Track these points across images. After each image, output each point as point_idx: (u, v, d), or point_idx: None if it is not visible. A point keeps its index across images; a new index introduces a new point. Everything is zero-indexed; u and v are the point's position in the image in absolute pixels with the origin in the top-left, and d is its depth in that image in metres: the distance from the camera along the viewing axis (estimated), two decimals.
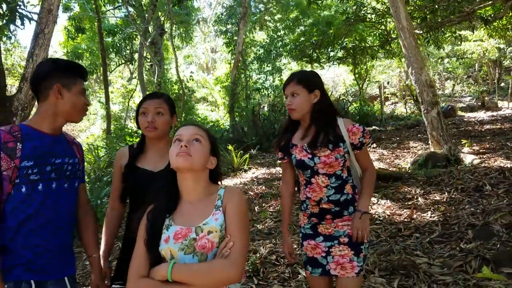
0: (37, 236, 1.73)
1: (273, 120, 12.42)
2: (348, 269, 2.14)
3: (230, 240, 1.46)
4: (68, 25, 16.28)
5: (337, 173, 2.19)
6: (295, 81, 2.22)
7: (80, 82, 1.88)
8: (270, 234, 4.63)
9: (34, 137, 1.77)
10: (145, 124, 2.11)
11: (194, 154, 1.52)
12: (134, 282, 1.47)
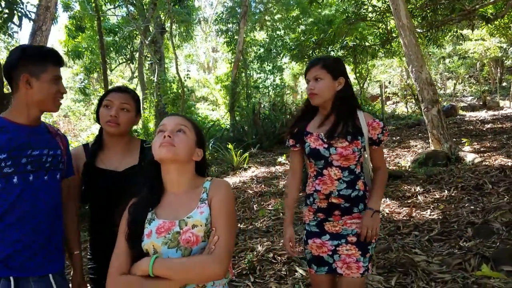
0: (15, 231, 1.66)
1: (274, 119, 12.38)
2: (354, 269, 2.09)
3: (215, 234, 1.41)
4: (69, 24, 16.26)
5: (351, 167, 2.10)
6: (319, 65, 2.12)
7: (51, 68, 1.75)
8: (268, 232, 4.59)
9: (9, 129, 1.70)
10: (107, 117, 1.95)
11: (178, 144, 1.46)
12: (115, 279, 1.41)
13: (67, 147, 1.97)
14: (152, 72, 16.91)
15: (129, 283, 1.39)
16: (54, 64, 1.76)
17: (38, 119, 1.82)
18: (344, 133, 2.07)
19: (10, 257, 1.65)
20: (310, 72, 2.15)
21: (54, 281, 1.76)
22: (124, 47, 17.44)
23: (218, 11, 18.47)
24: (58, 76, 1.77)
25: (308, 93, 2.16)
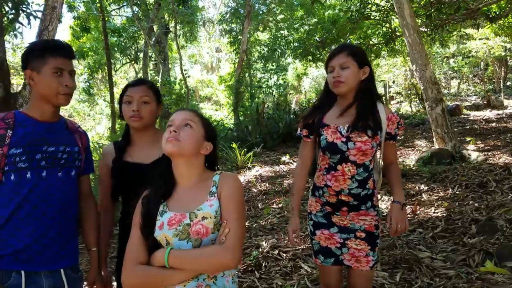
0: (27, 225, 1.68)
1: (277, 118, 12.40)
2: (363, 262, 2.11)
3: (226, 226, 1.44)
4: (74, 24, 16.35)
5: (366, 163, 2.07)
6: (345, 53, 2.05)
7: (51, 61, 1.71)
8: (273, 230, 4.62)
9: (27, 124, 1.73)
10: (130, 113, 1.99)
11: (183, 139, 1.49)
12: (131, 269, 1.45)
13: (87, 144, 1.97)
14: (157, 72, 16.99)
15: (145, 273, 1.43)
16: (55, 56, 1.72)
17: (55, 114, 1.82)
18: (365, 128, 2.03)
19: (21, 251, 1.67)
20: (335, 59, 2.07)
21: (65, 276, 1.78)
22: (128, 47, 17.51)
23: (222, 12, 18.53)
24: (58, 68, 1.72)
25: (332, 82, 2.08)
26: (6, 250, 1.66)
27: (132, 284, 1.46)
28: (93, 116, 23.60)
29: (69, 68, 1.75)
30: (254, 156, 9.21)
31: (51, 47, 1.74)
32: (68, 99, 1.77)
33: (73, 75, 1.78)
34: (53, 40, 1.81)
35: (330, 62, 2.11)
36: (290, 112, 13.07)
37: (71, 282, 1.80)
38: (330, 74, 2.11)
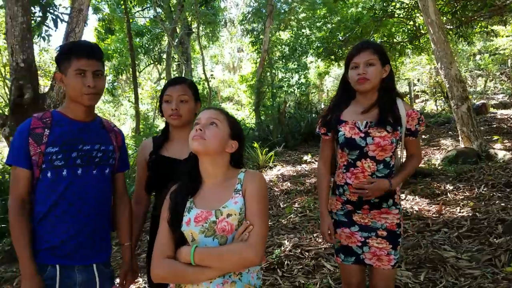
0: (63, 222, 1.75)
1: (299, 118, 12.37)
2: (385, 261, 2.10)
3: (250, 223, 1.47)
4: (99, 26, 16.70)
5: (386, 159, 2.06)
6: (371, 50, 2.04)
7: (74, 62, 1.74)
8: (295, 229, 4.63)
9: (63, 123, 1.79)
10: (169, 112, 2.06)
11: (208, 137, 1.52)
12: (158, 262, 1.50)
13: (121, 142, 2.03)
14: (179, 73, 17.18)
15: (173, 268, 1.48)
16: (78, 57, 1.75)
17: (88, 114, 1.87)
18: (384, 123, 2.03)
19: (57, 246, 1.74)
20: (361, 56, 2.05)
21: (97, 271, 1.85)
22: (152, 48, 17.76)
23: (244, 12, 18.59)
24: (81, 69, 1.74)
25: (356, 79, 2.06)
26: (43, 245, 1.74)
27: (160, 277, 1.50)
28: (118, 116, 24.00)
29: (93, 68, 1.77)
30: (275, 155, 9.23)
31: (74, 49, 1.78)
32: (92, 98, 1.80)
33: (99, 75, 1.80)
34: (78, 42, 1.87)
35: (354, 59, 2.08)
36: (312, 111, 13.01)
37: (102, 277, 1.87)
38: (353, 71, 2.09)
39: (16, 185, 1.74)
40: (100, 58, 1.83)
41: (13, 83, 4.73)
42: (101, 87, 1.82)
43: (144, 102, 21.35)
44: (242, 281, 1.49)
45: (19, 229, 1.70)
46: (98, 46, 1.87)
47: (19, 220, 1.71)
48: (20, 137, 1.75)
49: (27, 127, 1.75)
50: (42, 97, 5.00)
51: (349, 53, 2.16)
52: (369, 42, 2.14)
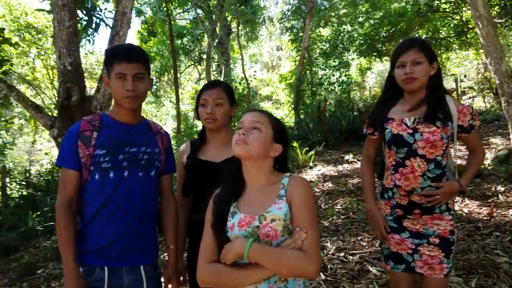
0: (110, 224, 1.78)
1: (340, 116, 12.12)
2: (437, 270, 1.99)
3: (304, 232, 1.42)
4: (141, 29, 17.11)
5: (438, 159, 1.95)
6: (417, 48, 1.98)
7: (116, 66, 1.77)
8: (337, 231, 4.51)
9: (111, 126, 1.83)
10: (205, 115, 2.07)
11: (251, 142, 1.49)
12: (204, 267, 1.49)
13: (167, 145, 2.04)
14: (219, 73, 17.33)
15: (217, 272, 1.46)
16: (118, 61, 1.77)
17: (134, 117, 1.89)
18: (433, 118, 1.94)
19: (105, 248, 1.77)
20: (407, 54, 1.99)
21: (144, 272, 1.87)
22: (192, 50, 18.02)
23: (283, 9, 18.48)
24: (120, 73, 1.76)
25: (403, 78, 1.99)
26: (91, 247, 1.77)
27: (205, 281, 1.48)
28: (159, 117, 24.57)
29: (132, 72, 1.77)
30: (315, 155, 9.09)
31: (115, 53, 1.81)
32: (131, 101, 1.80)
33: (140, 79, 1.80)
34: (119, 45, 1.90)
35: (400, 57, 2.02)
36: (353, 109, 12.72)
37: (149, 278, 1.89)
38: (399, 70, 2.02)
39: (64, 186, 1.78)
40: (141, 61, 1.82)
41: (60, 85, 4.90)
42: (140, 90, 1.82)
43: (184, 102, 21.73)
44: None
45: (64, 229, 1.74)
46: (139, 49, 1.88)
47: (65, 220, 1.74)
48: (69, 139, 1.79)
49: (77, 129, 1.79)
50: (89, 99, 5.14)
51: (394, 51, 2.08)
52: (415, 40, 2.06)
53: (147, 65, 1.87)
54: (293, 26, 15.85)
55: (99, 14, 6.58)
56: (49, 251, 5.40)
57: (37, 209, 6.71)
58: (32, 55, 16.45)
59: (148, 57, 1.91)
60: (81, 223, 1.81)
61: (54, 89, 16.33)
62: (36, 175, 9.08)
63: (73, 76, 4.91)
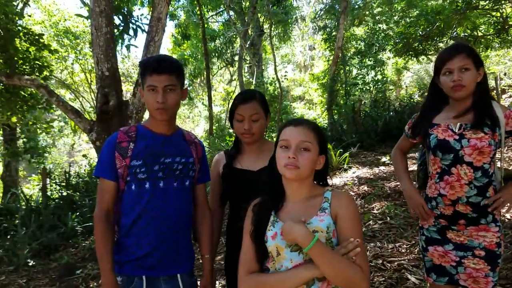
0: (147, 234, 1.80)
1: (375, 116, 11.85)
2: (482, 283, 1.91)
3: (356, 245, 1.39)
4: (175, 33, 17.40)
5: (485, 166, 1.88)
6: (465, 54, 1.91)
7: (148, 78, 1.79)
8: (374, 237, 4.40)
9: (147, 137, 1.85)
10: (241, 130, 2.05)
11: (303, 165, 1.46)
12: (243, 279, 1.49)
13: (202, 154, 2.05)
14: (251, 74, 17.38)
15: (257, 282, 1.46)
16: (150, 74, 1.78)
17: (168, 127, 1.90)
18: (481, 125, 1.88)
19: (143, 258, 1.79)
20: (455, 61, 1.92)
21: (181, 281, 1.88)
22: (224, 52, 18.16)
23: (316, 9, 18.33)
24: (151, 86, 1.77)
25: (451, 85, 1.92)
26: (130, 257, 1.80)
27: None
28: (192, 118, 24.91)
29: (163, 83, 1.77)
30: (350, 156, 8.92)
31: (146, 65, 1.81)
32: (162, 113, 1.81)
33: (171, 90, 1.80)
34: (150, 57, 1.88)
35: (447, 64, 1.95)
36: (389, 109, 12.42)
37: (186, 287, 1.90)
38: (446, 77, 1.95)
39: (102, 196, 1.82)
40: (173, 72, 1.81)
41: (98, 91, 5.03)
42: (171, 102, 1.81)
43: (216, 104, 21.93)
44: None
45: (102, 239, 1.77)
46: (170, 60, 1.86)
47: (103, 231, 1.78)
48: (107, 151, 1.82)
49: (114, 140, 1.83)
50: (126, 103, 5.25)
51: (439, 57, 2.01)
52: (461, 46, 1.99)
53: (179, 75, 1.85)
54: (326, 25, 15.66)
55: (135, 20, 6.72)
56: (87, 252, 5.56)
57: (76, 210, 6.92)
58: (71, 60, 17.02)
59: (181, 67, 1.90)
60: (119, 234, 1.84)
61: (92, 92, 16.84)
62: (75, 176, 9.37)
63: (111, 82, 5.04)
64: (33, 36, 8.22)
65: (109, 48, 5.02)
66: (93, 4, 4.93)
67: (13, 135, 11.35)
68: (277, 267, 1.46)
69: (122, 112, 5.16)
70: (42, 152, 12.07)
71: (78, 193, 8.01)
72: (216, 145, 10.62)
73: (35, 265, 5.37)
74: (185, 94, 1.94)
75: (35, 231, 6.14)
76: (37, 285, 4.69)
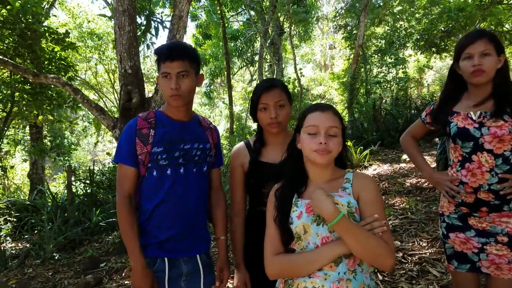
0: (168, 218, 1.84)
1: (396, 114, 11.73)
2: (505, 270, 1.89)
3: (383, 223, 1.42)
4: (196, 33, 17.57)
5: (506, 154, 1.86)
6: (487, 39, 1.88)
7: (162, 65, 1.81)
8: (395, 232, 4.36)
9: (165, 123, 1.88)
10: (268, 120, 1.95)
11: (333, 150, 1.49)
12: (271, 260, 1.52)
13: (217, 139, 2.08)
14: (271, 73, 17.40)
15: (285, 262, 1.48)
16: (163, 61, 1.80)
17: (185, 114, 1.93)
18: (501, 113, 1.85)
19: (165, 241, 1.85)
20: (475, 45, 1.89)
21: (200, 261, 1.94)
22: (245, 51, 18.23)
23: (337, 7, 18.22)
24: (165, 72, 1.79)
25: (471, 70, 1.89)
26: (152, 240, 1.85)
27: (275, 273, 1.52)
28: (213, 118, 25.09)
29: (176, 70, 1.79)
30: (370, 154, 8.87)
31: (159, 52, 1.84)
32: (176, 99, 1.82)
33: (184, 76, 1.81)
34: (163, 45, 1.88)
35: (467, 49, 1.92)
36: (411, 107, 12.27)
37: (205, 266, 1.96)
38: (466, 62, 1.92)
39: (123, 182, 1.85)
40: (185, 58, 1.82)
41: (122, 88, 5.13)
42: (185, 88, 1.82)
43: (237, 103, 22.03)
44: (357, 280, 1.44)
45: (127, 224, 1.80)
46: (182, 46, 1.87)
47: (126, 215, 1.81)
48: (127, 137, 1.85)
49: (134, 127, 1.85)
50: (148, 101, 5.34)
51: (460, 42, 1.98)
52: (484, 31, 1.96)
53: (192, 61, 1.85)
54: (347, 23, 15.56)
55: (158, 19, 6.83)
56: (111, 246, 5.69)
57: (100, 206, 7.09)
58: (94, 61, 17.39)
59: (194, 52, 1.89)
60: (140, 218, 1.87)
61: (115, 92, 17.15)
62: (99, 173, 9.58)
63: (133, 79, 5.13)
64: (58, 36, 8.44)
65: (131, 46, 5.12)
66: (116, 4, 5.04)
67: (40, 134, 11.67)
68: (304, 245, 1.48)
69: (144, 109, 5.25)
70: (67, 151, 12.38)
71: (101, 190, 8.20)
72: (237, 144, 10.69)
73: (61, 258, 5.53)
74: (200, 80, 1.94)
75: (60, 226, 6.32)
76: (63, 277, 4.83)
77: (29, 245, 6.27)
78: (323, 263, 1.41)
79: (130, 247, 1.79)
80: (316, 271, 1.42)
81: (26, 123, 11.16)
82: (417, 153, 2.27)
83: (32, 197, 9.11)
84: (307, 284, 1.43)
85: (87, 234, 6.41)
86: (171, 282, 1.85)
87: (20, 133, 13.49)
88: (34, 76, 5.79)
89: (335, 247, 1.41)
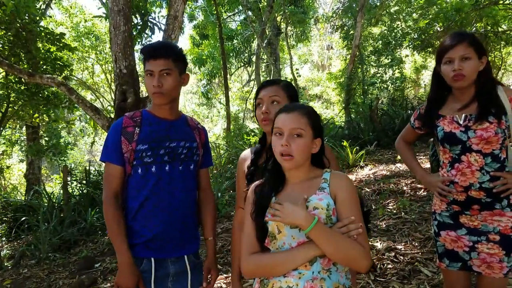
0: (154, 217, 1.84)
1: (393, 114, 11.76)
2: (496, 269, 1.90)
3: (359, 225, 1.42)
4: (193, 33, 17.58)
5: (495, 152, 1.87)
6: (467, 43, 1.88)
7: (147, 64, 1.83)
8: (388, 231, 4.39)
9: (152, 122, 1.89)
10: (260, 116, 1.85)
11: (296, 153, 1.47)
12: (246, 259, 1.51)
13: (205, 139, 2.08)
14: (268, 73, 17.42)
15: (260, 261, 1.48)
16: (147, 59, 1.82)
17: (171, 112, 1.94)
18: (485, 115, 1.86)
19: (151, 240, 1.84)
20: (456, 50, 1.89)
21: (188, 262, 1.94)
22: (242, 51, 18.25)
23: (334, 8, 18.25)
24: (149, 70, 1.81)
25: (451, 75, 1.91)
26: (138, 240, 1.85)
27: (250, 272, 1.52)
28: (211, 118, 25.08)
29: (158, 68, 1.81)
30: (366, 154, 8.89)
31: (144, 51, 1.86)
32: (159, 97, 1.84)
33: (167, 74, 1.83)
34: (149, 44, 1.91)
35: (447, 53, 1.93)
36: (407, 107, 12.30)
37: (193, 267, 1.96)
38: (447, 66, 1.94)
39: (110, 180, 1.86)
40: (169, 57, 1.83)
41: (117, 88, 5.14)
42: (166, 87, 1.83)
43: (234, 103, 22.03)
44: (332, 279, 1.44)
45: (114, 222, 1.81)
46: (167, 45, 1.91)
47: (113, 213, 1.82)
48: (113, 135, 1.86)
49: (120, 125, 1.86)
50: (143, 100, 5.34)
51: (441, 46, 2.00)
52: (463, 34, 1.96)
53: (176, 60, 1.86)
54: (344, 23, 15.59)
55: (152, 18, 6.84)
56: (106, 246, 5.69)
57: (95, 207, 7.08)
58: (91, 61, 17.36)
59: (179, 52, 1.91)
60: (126, 218, 1.88)
61: (112, 92, 17.12)
62: (95, 174, 9.58)
63: (129, 79, 5.14)
64: (54, 36, 8.44)
65: (127, 46, 5.12)
66: (111, 3, 5.05)
67: (36, 134, 11.66)
68: (279, 245, 1.48)
69: (139, 109, 5.26)
70: (63, 151, 12.36)
71: (97, 190, 8.20)
72: (234, 144, 10.70)
73: (56, 258, 5.53)
74: (185, 79, 1.96)
75: (56, 226, 6.32)
76: (58, 278, 4.83)
77: (24, 245, 6.27)
78: (298, 263, 1.41)
79: (116, 244, 1.80)
80: (290, 271, 1.43)
81: (23, 123, 11.15)
82: (410, 156, 2.28)
83: (29, 197, 9.11)
84: (281, 284, 1.43)
85: (83, 235, 6.41)
86: (157, 282, 1.85)
87: (16, 134, 13.48)
88: (29, 76, 5.80)
89: (310, 248, 1.41)
